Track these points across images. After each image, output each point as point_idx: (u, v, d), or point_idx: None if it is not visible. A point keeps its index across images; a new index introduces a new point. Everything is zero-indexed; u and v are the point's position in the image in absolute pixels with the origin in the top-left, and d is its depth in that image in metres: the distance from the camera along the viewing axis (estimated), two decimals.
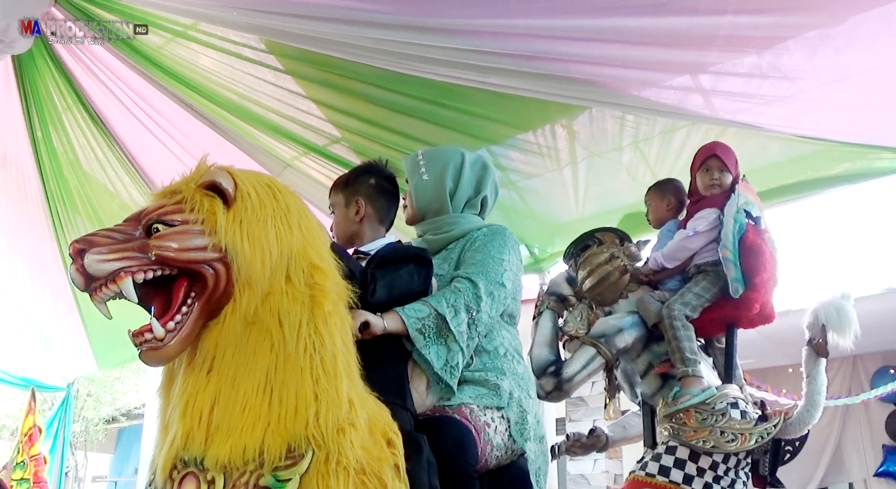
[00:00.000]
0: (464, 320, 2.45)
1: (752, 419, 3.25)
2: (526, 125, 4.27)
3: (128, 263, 1.83)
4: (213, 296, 1.91)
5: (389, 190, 2.84)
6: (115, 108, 5.01)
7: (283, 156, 5.00)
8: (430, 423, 2.37)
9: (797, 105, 3.58)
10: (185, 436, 1.87)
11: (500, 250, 2.67)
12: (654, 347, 3.55)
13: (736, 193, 3.47)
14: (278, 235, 1.97)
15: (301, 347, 1.90)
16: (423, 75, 3.92)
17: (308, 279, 1.99)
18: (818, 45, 3.25)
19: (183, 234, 1.90)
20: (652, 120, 4.04)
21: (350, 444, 1.89)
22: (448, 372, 2.41)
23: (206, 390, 1.88)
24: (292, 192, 2.13)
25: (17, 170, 5.61)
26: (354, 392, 2.00)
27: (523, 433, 2.56)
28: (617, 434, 3.91)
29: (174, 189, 2.03)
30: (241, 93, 4.63)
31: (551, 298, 3.79)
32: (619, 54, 3.49)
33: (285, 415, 1.85)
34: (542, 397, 3.55)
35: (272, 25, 3.95)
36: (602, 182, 4.57)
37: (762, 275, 3.36)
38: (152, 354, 1.88)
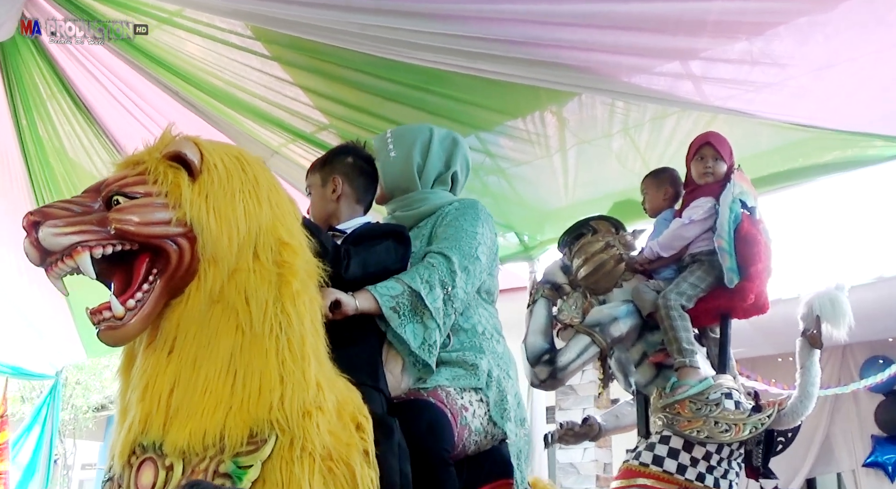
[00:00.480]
0: (439, 296, 2.37)
1: (745, 410, 3.23)
2: (515, 112, 4.22)
3: (85, 237, 1.75)
4: (176, 273, 1.84)
5: (367, 170, 2.75)
6: (100, 96, 4.97)
7: (271, 143, 4.95)
8: (403, 407, 2.30)
9: (787, 91, 3.56)
10: (143, 421, 1.80)
11: (472, 224, 2.59)
12: (648, 337, 3.52)
13: (731, 183, 3.43)
14: (246, 210, 1.89)
15: (267, 328, 1.83)
16: (410, 61, 3.87)
17: (276, 257, 1.91)
18: (808, 32, 3.22)
19: (145, 207, 1.82)
20: (642, 107, 4.00)
21: (316, 429, 1.82)
22: (426, 350, 2.34)
23: (167, 372, 1.81)
24: (262, 165, 2.04)
25: (3, 158, 5.55)
26: (322, 374, 1.93)
27: (503, 414, 2.49)
28: (609, 423, 3.89)
29: (137, 159, 1.93)
30: (227, 80, 4.59)
31: (546, 286, 3.76)
32: (609, 40, 3.46)
33: (248, 398, 1.78)
34: (536, 385, 3.53)
35: (258, 11, 3.90)
36: (592, 169, 4.54)
37: (757, 266, 3.34)
38: (111, 333, 1.80)
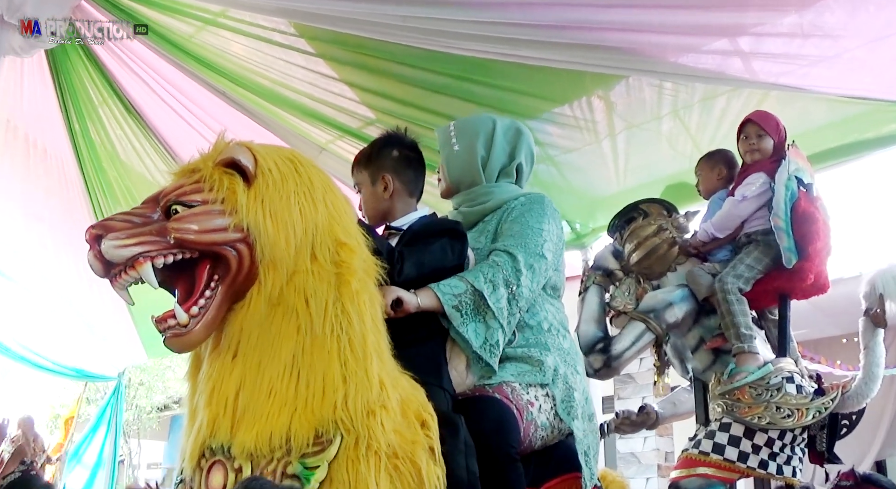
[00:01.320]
0: (503, 296, 2.35)
1: (808, 393, 3.16)
2: (561, 98, 4.18)
3: (146, 248, 1.77)
4: (237, 279, 1.86)
5: (414, 159, 2.70)
6: (149, 99, 5.03)
7: (319, 140, 4.97)
8: (469, 403, 2.28)
9: (841, 64, 3.47)
10: (211, 424, 1.82)
11: (538, 220, 2.55)
12: (704, 321, 3.47)
13: (787, 160, 3.35)
14: (302, 212, 1.90)
15: (328, 328, 1.84)
16: (453, 51, 3.86)
17: (334, 257, 1.92)
18: (859, 2, 3.14)
19: (203, 215, 1.84)
20: (691, 87, 3.92)
21: (381, 427, 1.83)
22: (488, 350, 2.32)
23: (232, 375, 1.83)
24: (316, 166, 2.05)
25: (58, 163, 5.67)
26: (385, 372, 1.93)
27: (570, 411, 2.46)
28: (667, 411, 3.83)
29: (193, 168, 1.95)
30: (273, 78, 4.61)
31: (597, 273, 3.72)
32: (654, 20, 3.40)
33: (312, 399, 1.79)
34: (591, 375, 3.48)
35: (300, 8, 3.92)
36: (642, 153, 4.47)
37: (816, 244, 3.26)
38: (177, 341, 1.83)
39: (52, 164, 5.67)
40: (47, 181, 5.77)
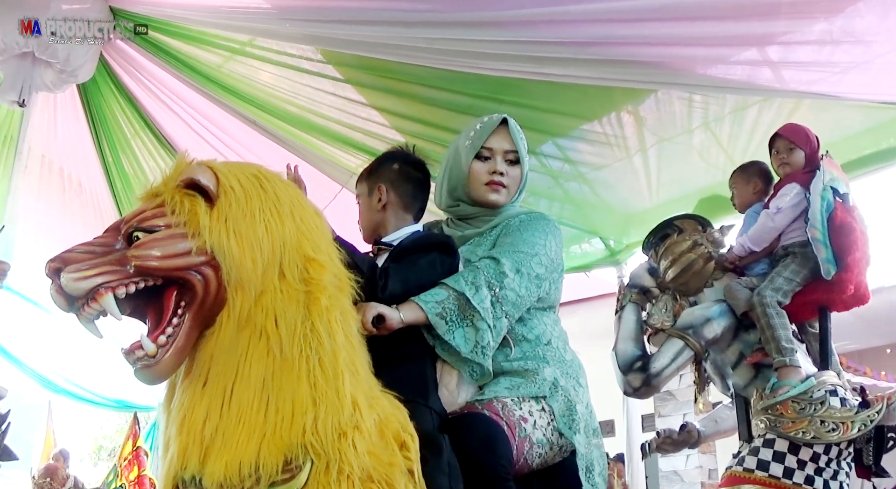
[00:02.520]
0: (486, 296, 2.23)
1: (852, 406, 3.10)
2: (590, 115, 4.16)
3: (106, 278, 1.69)
4: (204, 304, 1.78)
5: (415, 176, 2.58)
6: (180, 129, 5.09)
7: (349, 165, 4.98)
8: (455, 422, 2.18)
9: (874, 70, 3.42)
10: (181, 455, 1.75)
11: (533, 234, 2.43)
12: (744, 336, 3.41)
13: (821, 170, 3.31)
14: (268, 229, 1.82)
15: (297, 349, 1.76)
16: (480, 72, 3.87)
17: (303, 274, 1.84)
18: (890, 5, 3.10)
19: (165, 240, 1.76)
20: (721, 99, 3.89)
21: (353, 450, 1.74)
22: (479, 353, 2.21)
23: (201, 404, 1.75)
24: (284, 181, 1.98)
25: (93, 196, 5.75)
26: (360, 391, 1.85)
27: (572, 425, 2.33)
28: (709, 428, 3.77)
29: (155, 191, 1.87)
30: (302, 105, 4.65)
31: (633, 291, 3.68)
32: (681, 32, 3.40)
33: (281, 424, 1.71)
34: (630, 394, 3.45)
35: (326, 34, 3.96)
36: (674, 167, 4.44)
37: (854, 255, 3.20)
38: (147, 372, 1.75)
39: (87, 198, 5.76)
40: (83, 214, 5.85)
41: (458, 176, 2.56)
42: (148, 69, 4.67)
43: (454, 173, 2.58)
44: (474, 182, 2.52)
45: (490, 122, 2.55)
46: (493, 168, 2.51)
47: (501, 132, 2.54)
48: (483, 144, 2.52)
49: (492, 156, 2.53)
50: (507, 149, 2.54)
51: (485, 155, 2.52)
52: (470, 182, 2.53)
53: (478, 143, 2.52)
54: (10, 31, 3.99)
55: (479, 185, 2.52)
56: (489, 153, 2.52)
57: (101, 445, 16.01)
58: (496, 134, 2.54)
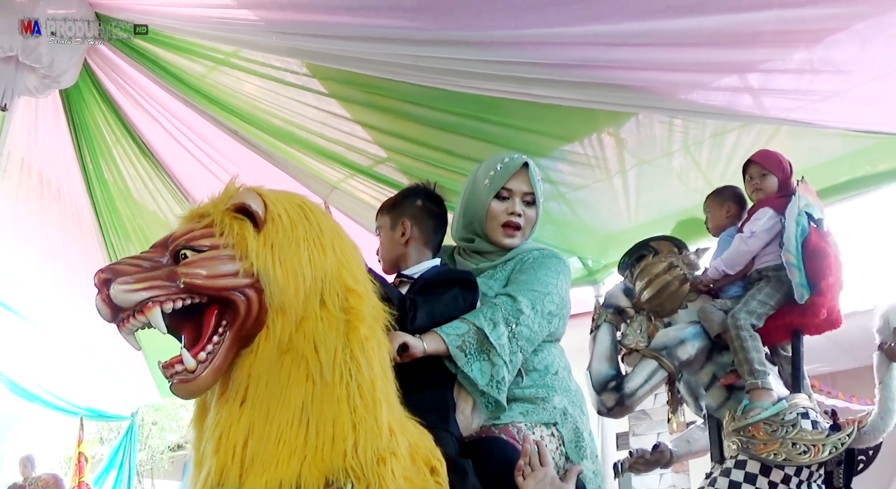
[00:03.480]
0: (503, 333, 2.35)
1: (824, 429, 3.14)
2: (571, 135, 4.19)
3: (155, 292, 1.75)
4: (245, 324, 1.84)
5: (436, 212, 2.72)
6: (162, 138, 5.07)
7: (330, 178, 5.00)
8: (475, 446, 2.29)
9: (852, 99, 3.48)
10: (219, 472, 1.79)
11: (547, 274, 2.56)
12: (717, 358, 3.45)
13: (797, 196, 3.37)
14: (311, 258, 1.89)
15: (337, 375, 1.82)
16: (464, 90, 3.87)
17: (343, 303, 1.91)
18: (869, 36, 3.14)
19: (212, 260, 1.83)
20: (701, 123, 3.94)
21: (391, 475, 1.81)
22: (494, 387, 2.32)
23: (240, 422, 1.81)
24: (324, 212, 2.07)
25: (72, 203, 5.71)
26: (394, 419, 1.93)
27: (580, 451, 2.47)
28: (681, 449, 3.81)
29: (202, 212, 1.95)
30: (285, 118, 4.65)
31: (608, 311, 3.71)
32: (663, 57, 3.43)
33: (322, 446, 1.77)
34: (604, 413, 3.48)
35: (312, 48, 3.96)
36: (653, 189, 4.48)
37: (828, 280, 3.26)
38: (184, 387, 1.81)
39: (65, 204, 5.72)
40: (61, 220, 5.81)
41: (476, 212, 2.70)
42: (131, 77, 4.66)
43: (471, 208, 2.72)
44: (492, 221, 2.67)
45: (512, 164, 2.69)
46: (512, 209, 2.66)
47: (521, 174, 2.69)
48: (504, 185, 2.66)
49: (510, 196, 2.68)
50: (525, 191, 2.69)
51: (504, 195, 2.67)
52: (488, 220, 2.67)
53: (498, 184, 2.66)
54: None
55: (496, 225, 2.67)
56: (508, 194, 2.68)
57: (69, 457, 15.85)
58: (516, 176, 2.68)
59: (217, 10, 3.95)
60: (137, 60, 4.48)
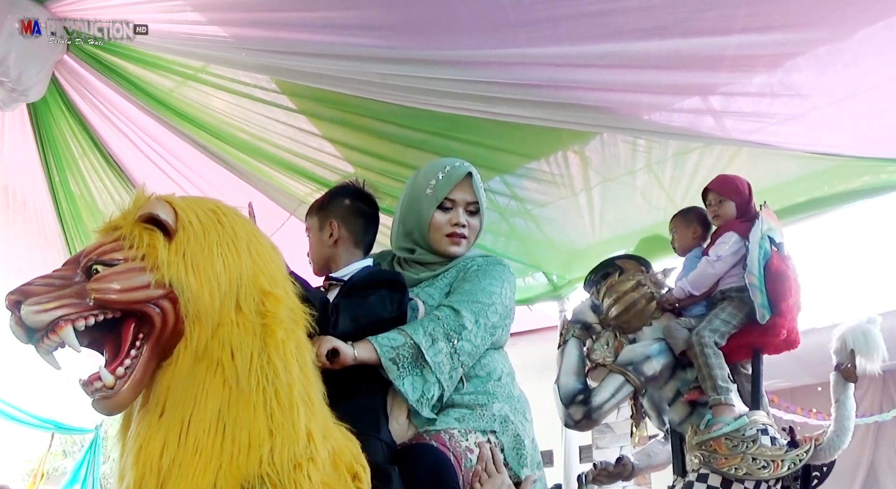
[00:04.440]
0: (442, 350, 2.29)
1: (782, 445, 3.23)
2: (537, 153, 4.25)
3: (66, 311, 1.70)
4: (162, 336, 1.80)
5: (366, 211, 2.65)
6: (129, 152, 5.04)
7: (297, 193, 5.00)
8: (404, 453, 2.24)
9: (810, 122, 3.57)
10: (137, 484, 1.75)
11: (491, 282, 2.48)
12: (681, 374, 3.53)
13: (760, 219, 3.46)
14: (225, 263, 1.85)
15: (254, 380, 1.79)
16: (431, 108, 3.91)
17: (259, 307, 1.87)
18: (828, 61, 3.24)
19: (123, 274, 1.78)
20: (664, 143, 4.01)
21: (308, 481, 1.77)
22: (423, 403, 2.26)
23: (158, 434, 1.77)
24: (241, 216, 2.01)
25: (37, 215, 5.65)
26: (315, 423, 1.88)
27: (520, 459, 2.40)
28: (642, 462, 3.88)
29: (114, 225, 1.89)
30: (253, 133, 4.64)
31: (576, 326, 3.77)
32: (627, 79, 3.49)
33: (238, 454, 1.74)
34: (571, 426, 3.53)
35: (281, 65, 3.98)
36: (617, 206, 4.55)
37: (788, 301, 3.35)
38: (105, 403, 1.77)
39: (31, 216, 5.66)
40: (26, 233, 5.75)
41: (417, 222, 2.60)
42: (99, 91, 4.64)
43: (411, 218, 2.62)
44: (435, 232, 2.57)
45: (454, 174, 2.59)
46: (456, 219, 2.57)
47: (465, 184, 2.59)
48: (447, 196, 2.56)
49: (454, 207, 2.58)
50: (469, 200, 2.60)
51: (447, 206, 2.57)
52: (431, 231, 2.57)
53: (441, 195, 2.56)
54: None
55: (440, 236, 2.57)
56: (451, 204, 2.58)
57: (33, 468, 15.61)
58: (459, 186, 2.58)
59: (186, 27, 3.96)
60: (105, 74, 4.46)
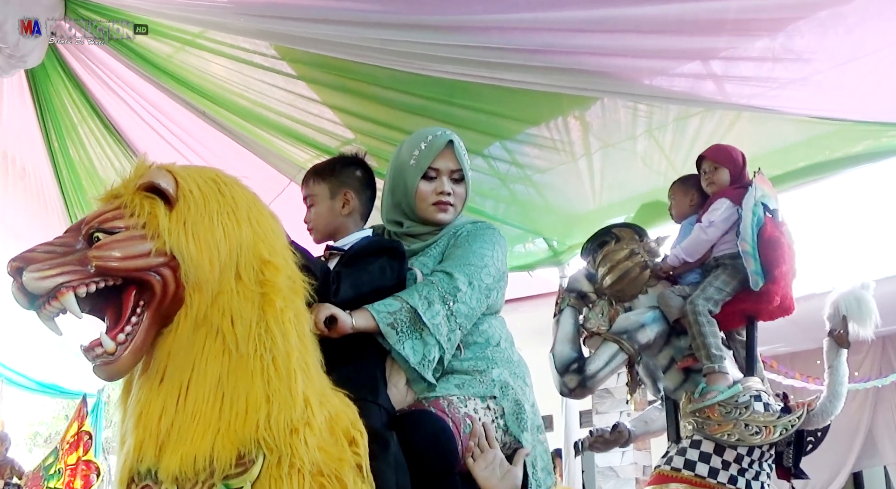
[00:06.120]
0: (439, 312, 2.29)
1: (775, 411, 3.25)
2: (538, 119, 4.23)
3: (68, 278, 1.73)
4: (162, 303, 1.83)
5: (373, 184, 2.67)
6: (129, 118, 5.04)
7: (297, 159, 4.99)
8: (403, 419, 2.24)
9: (812, 86, 3.56)
10: (137, 449, 1.80)
11: (482, 246, 2.49)
12: (675, 342, 3.55)
13: (753, 186, 3.46)
14: (226, 231, 1.87)
15: (252, 347, 1.82)
16: (432, 74, 3.90)
17: (259, 276, 1.89)
18: (830, 25, 3.22)
19: (124, 242, 1.81)
20: (664, 108, 3.99)
21: (304, 445, 1.81)
22: (425, 366, 2.27)
23: (158, 399, 1.81)
24: (241, 185, 2.02)
25: (37, 182, 5.67)
26: (312, 390, 1.91)
27: (520, 424, 2.42)
28: (639, 428, 3.91)
29: (114, 193, 1.91)
30: (253, 99, 4.63)
31: (571, 295, 3.78)
32: (627, 44, 3.48)
33: (235, 419, 1.77)
34: (567, 394, 3.55)
35: (280, 30, 3.96)
36: (618, 172, 4.54)
37: (782, 268, 3.35)
38: (106, 369, 1.80)
39: (30, 182, 5.67)
40: (26, 199, 5.77)
41: (403, 193, 2.60)
42: (98, 56, 4.62)
43: (398, 190, 2.62)
44: (421, 202, 2.56)
45: (436, 143, 2.58)
46: (441, 188, 2.56)
47: (447, 153, 2.59)
48: (430, 165, 2.56)
49: (438, 176, 2.57)
50: (452, 168, 2.59)
51: (431, 175, 2.57)
52: (417, 201, 2.57)
53: (424, 164, 2.56)
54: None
55: (426, 205, 2.56)
56: (435, 173, 2.57)
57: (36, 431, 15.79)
58: (442, 154, 2.57)
59: None
60: (123, 20, 4.42)
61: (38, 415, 15.69)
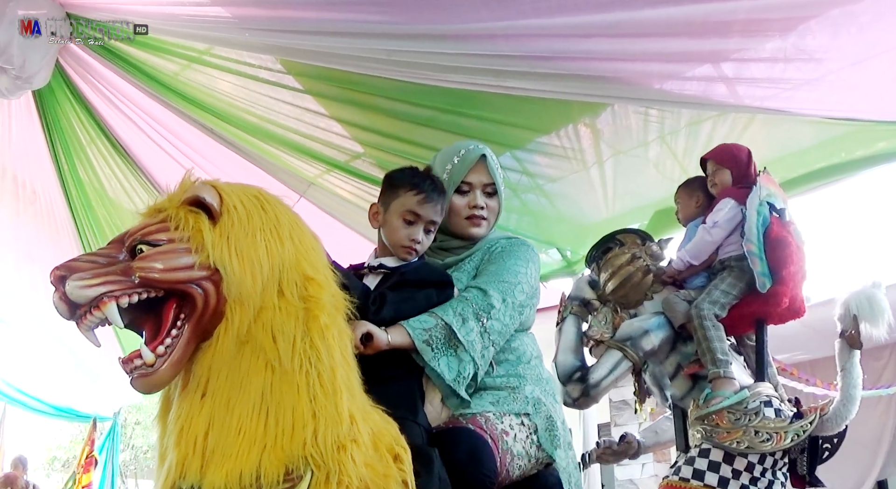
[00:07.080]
0: (473, 329, 2.31)
1: (786, 417, 3.17)
2: (548, 127, 4.20)
3: (111, 288, 1.74)
4: (203, 317, 1.84)
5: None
6: (136, 137, 5.04)
7: (307, 174, 4.98)
8: (442, 436, 2.26)
9: (825, 86, 3.50)
10: (180, 465, 1.80)
11: (516, 263, 2.50)
12: (681, 348, 3.48)
13: (758, 186, 3.39)
14: (268, 248, 1.89)
15: (297, 363, 1.82)
16: (439, 84, 3.88)
17: (302, 292, 1.91)
18: (842, 24, 3.17)
19: (168, 254, 1.82)
20: (676, 113, 3.96)
21: (352, 462, 1.81)
22: (460, 383, 2.28)
23: (201, 415, 1.81)
24: (283, 203, 2.05)
25: (48, 204, 5.68)
26: (356, 406, 1.92)
27: (553, 440, 2.43)
28: (649, 439, 3.84)
29: (158, 207, 1.94)
30: (260, 115, 4.63)
31: (574, 303, 3.74)
32: (636, 48, 3.44)
33: (282, 435, 1.78)
34: (570, 404, 3.49)
35: (285, 44, 3.95)
36: (630, 179, 4.50)
37: (789, 268, 3.28)
38: (144, 381, 1.80)
39: (41, 205, 5.68)
40: (37, 222, 5.78)
41: None
42: (104, 76, 4.62)
43: None
44: (455, 216, 2.58)
45: (469, 157, 2.60)
46: (474, 202, 2.58)
47: (480, 167, 2.60)
48: (463, 179, 2.57)
49: (471, 190, 2.59)
50: (485, 182, 2.61)
51: (464, 189, 2.58)
52: (451, 216, 2.57)
53: (457, 178, 2.57)
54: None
55: (460, 219, 2.58)
56: (468, 187, 2.59)
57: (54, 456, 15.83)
58: (475, 169, 2.59)
59: (189, 8, 3.94)
60: (110, 59, 4.45)
61: (56, 439, 15.72)
